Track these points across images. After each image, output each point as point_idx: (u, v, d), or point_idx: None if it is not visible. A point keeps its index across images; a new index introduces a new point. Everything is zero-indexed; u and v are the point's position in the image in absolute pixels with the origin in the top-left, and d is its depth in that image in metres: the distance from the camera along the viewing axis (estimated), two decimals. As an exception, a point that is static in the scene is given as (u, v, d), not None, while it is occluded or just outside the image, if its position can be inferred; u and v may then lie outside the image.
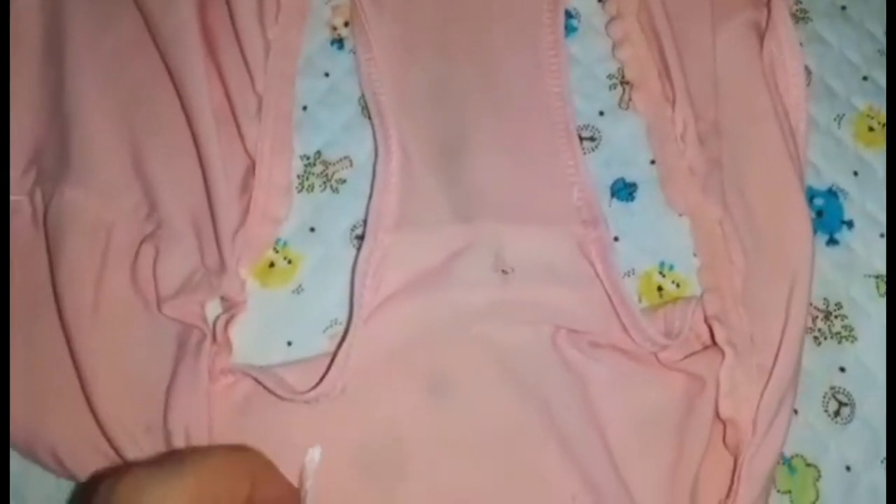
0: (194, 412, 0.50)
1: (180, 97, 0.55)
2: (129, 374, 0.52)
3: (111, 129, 0.57)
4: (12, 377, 0.52)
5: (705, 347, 0.54)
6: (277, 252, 0.57)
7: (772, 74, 0.60)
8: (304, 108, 0.60)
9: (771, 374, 0.52)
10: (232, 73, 0.57)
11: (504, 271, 0.54)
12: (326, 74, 0.61)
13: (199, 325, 0.51)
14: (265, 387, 0.51)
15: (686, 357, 0.54)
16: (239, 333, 0.54)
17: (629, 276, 0.57)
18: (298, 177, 0.58)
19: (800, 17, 0.64)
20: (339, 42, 0.62)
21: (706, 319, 0.55)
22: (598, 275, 0.55)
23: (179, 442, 0.50)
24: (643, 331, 0.53)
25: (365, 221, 0.55)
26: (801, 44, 0.61)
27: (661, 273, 0.58)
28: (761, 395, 0.52)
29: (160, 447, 0.50)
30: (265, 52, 0.58)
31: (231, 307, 0.54)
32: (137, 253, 0.54)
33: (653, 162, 0.59)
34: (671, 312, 0.55)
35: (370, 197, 0.56)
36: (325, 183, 0.58)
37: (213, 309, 0.54)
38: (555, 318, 0.54)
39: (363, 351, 0.53)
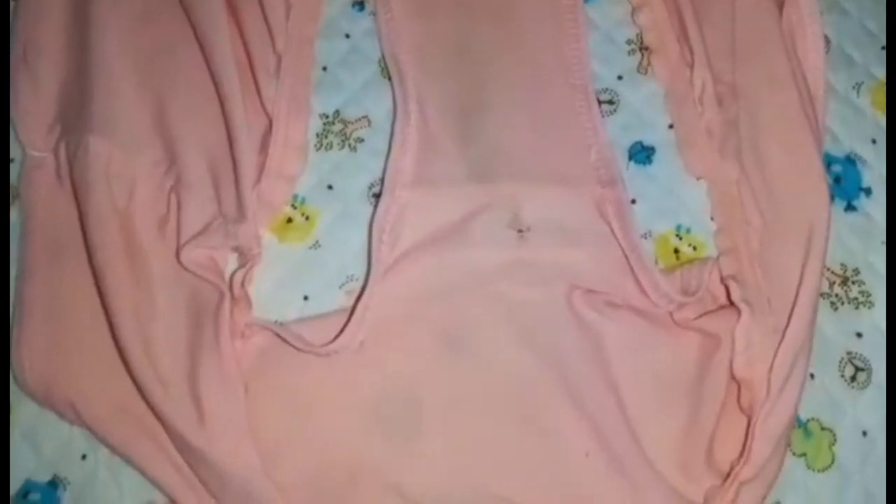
0: (221, 372, 0.50)
1: (204, 52, 0.56)
2: (158, 323, 0.52)
3: (135, 84, 0.57)
4: (32, 325, 0.52)
5: (721, 307, 0.54)
6: (295, 208, 0.57)
7: (791, 40, 0.60)
8: (325, 68, 0.61)
9: (784, 333, 0.52)
10: (253, 33, 0.58)
11: (520, 230, 0.55)
12: (347, 36, 0.62)
13: (217, 283, 0.52)
14: (283, 339, 0.52)
15: (701, 316, 0.54)
16: (256, 288, 0.54)
17: (646, 238, 0.57)
18: (317, 135, 0.59)
19: (819, -15, 0.64)
20: (359, 4, 0.63)
21: (722, 280, 0.55)
22: (614, 234, 0.55)
23: (209, 399, 0.50)
24: (660, 289, 0.53)
25: (382, 180, 0.56)
26: (820, 12, 0.61)
27: (677, 236, 0.57)
28: (775, 354, 0.51)
29: (187, 399, 0.50)
30: (286, 13, 0.60)
31: (247, 261, 0.54)
32: (161, 205, 0.55)
33: (671, 126, 0.60)
34: (688, 272, 0.55)
35: (388, 155, 0.56)
36: (343, 141, 0.59)
37: (229, 268, 0.55)
38: (571, 277, 0.54)
39: (380, 306, 0.53)
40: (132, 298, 0.52)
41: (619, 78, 0.61)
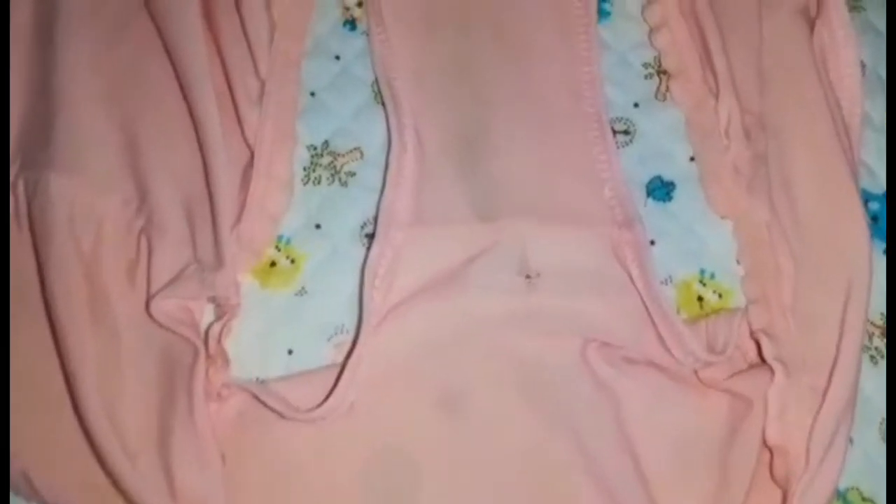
0: (195, 442, 0.45)
1: (178, 76, 0.52)
2: (125, 385, 0.47)
3: (101, 112, 0.52)
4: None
5: (751, 366, 0.50)
6: (279, 250, 0.53)
7: (823, 64, 0.55)
8: (312, 93, 0.56)
9: (825, 396, 0.47)
10: (233, 55, 0.54)
11: (528, 276, 0.50)
12: (337, 57, 0.57)
13: (191, 338, 0.47)
14: (265, 405, 0.47)
15: (730, 376, 0.49)
16: (235, 341, 0.50)
17: (666, 284, 0.52)
18: (304, 168, 0.55)
19: (852, 5, 0.59)
20: (351, 23, 0.58)
21: (752, 334, 0.50)
22: (633, 282, 0.50)
23: (182, 473, 0.45)
24: (684, 344, 0.48)
25: (376, 219, 0.52)
26: (855, 33, 0.56)
27: (701, 282, 0.53)
28: (815, 419, 0.47)
29: (157, 473, 0.45)
30: (270, 32, 0.55)
31: (225, 312, 0.49)
32: (130, 248, 0.50)
33: (692, 159, 0.55)
34: (714, 325, 0.50)
35: (382, 191, 0.52)
36: (333, 175, 0.54)
37: (206, 320, 0.50)
38: (585, 329, 0.50)
39: (372, 362, 0.49)
40: (95, 356, 0.47)
41: (636, 105, 0.57)
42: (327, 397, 0.47)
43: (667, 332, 0.49)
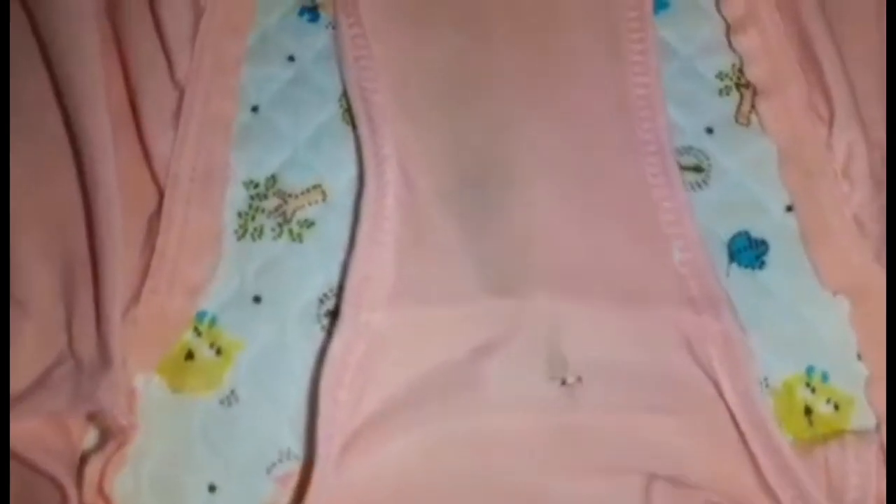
0: None
1: (55, 80, 0.42)
2: None
3: None
4: None
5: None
6: (200, 334, 0.41)
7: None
8: (255, 108, 0.46)
9: None
10: (139, 51, 0.44)
11: (565, 381, 0.39)
12: (291, 59, 0.47)
13: (57, 478, 0.36)
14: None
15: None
16: (128, 472, 0.38)
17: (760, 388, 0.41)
18: (239, 215, 0.44)
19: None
20: (311, 11, 0.49)
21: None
22: (719, 391, 0.39)
23: None
24: (797, 483, 0.37)
25: (340, 289, 0.41)
26: None
27: (809, 386, 0.41)
28: None
29: None
30: (194, 20, 0.45)
31: (112, 436, 0.38)
32: None
33: (789, 209, 0.44)
34: (838, 459, 0.38)
35: (350, 251, 0.42)
36: (280, 226, 0.44)
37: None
38: (647, 461, 0.39)
39: None
40: None
41: (709, 131, 0.46)
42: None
43: (771, 465, 0.38)
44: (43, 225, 0.40)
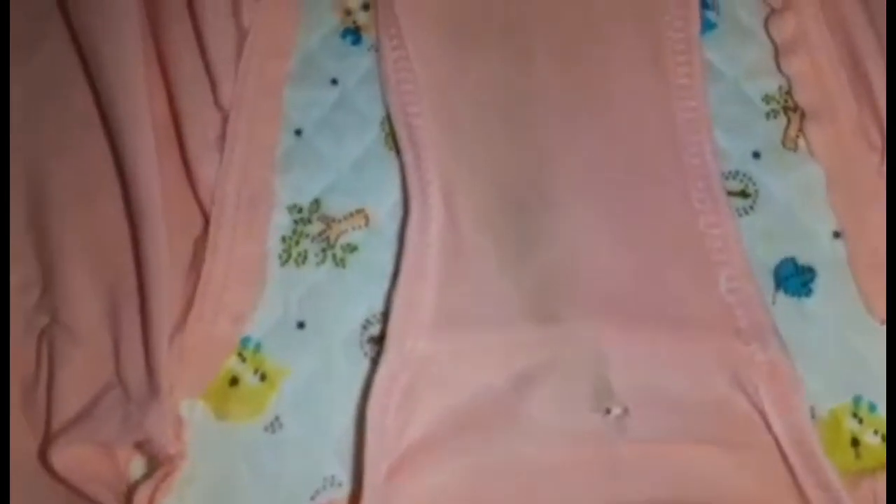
0: None
1: (102, 105, 0.41)
2: None
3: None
4: None
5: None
6: (244, 360, 0.41)
7: None
8: (298, 132, 0.45)
9: None
10: (183, 76, 0.43)
11: (609, 410, 0.39)
12: (334, 82, 0.46)
13: None
14: None
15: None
16: (176, 499, 0.38)
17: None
18: (283, 240, 0.43)
19: None
20: (354, 32, 0.47)
21: (942, 504, 0.37)
22: (767, 423, 0.38)
23: None
24: None
25: (385, 316, 0.41)
26: None
27: (856, 416, 0.40)
28: None
29: None
30: (237, 43, 0.44)
31: (160, 464, 0.37)
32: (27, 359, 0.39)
33: (837, 234, 0.42)
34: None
35: (395, 277, 0.41)
36: (324, 251, 0.43)
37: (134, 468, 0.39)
38: (695, 493, 0.38)
39: None
40: None
41: (755, 156, 0.44)
42: None
43: (822, 499, 0.36)
44: (89, 249, 0.40)
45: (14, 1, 0.44)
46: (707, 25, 0.46)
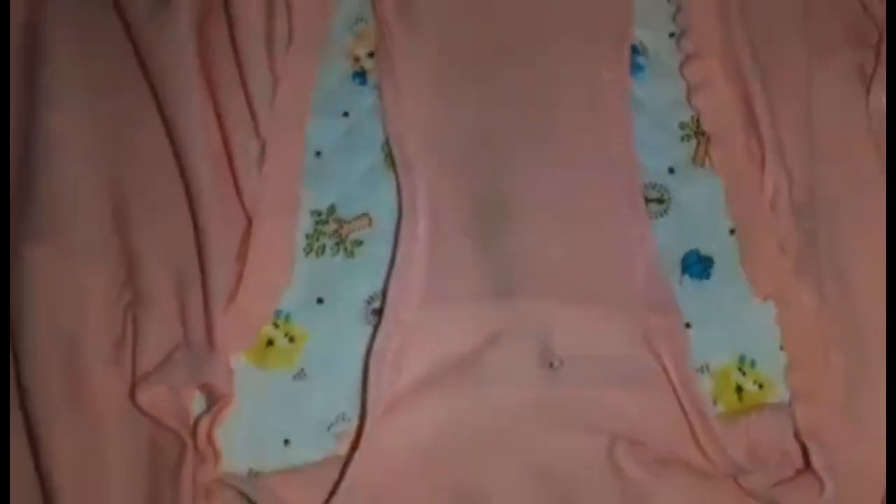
0: None
1: (171, 134, 0.48)
2: (108, 485, 0.45)
3: (87, 173, 0.49)
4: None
5: (798, 472, 0.45)
6: (278, 327, 0.49)
7: (881, 131, 0.50)
8: (318, 153, 0.52)
9: (883, 512, 0.42)
10: (231, 113, 0.49)
11: (552, 364, 0.47)
12: (345, 114, 0.52)
13: (178, 431, 0.45)
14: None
15: (775, 485, 0.44)
16: (227, 428, 0.46)
17: (702, 371, 0.48)
18: (307, 236, 0.50)
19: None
20: (361, 76, 0.53)
21: (797, 434, 0.46)
22: (666, 373, 0.46)
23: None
24: (721, 450, 0.45)
25: (384, 294, 0.48)
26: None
27: (740, 370, 0.48)
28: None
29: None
30: (272, 86, 0.50)
31: (216, 401, 0.45)
32: (116, 326, 0.47)
33: (732, 232, 0.50)
34: (757, 425, 0.46)
35: (391, 264, 0.48)
36: (337, 245, 0.50)
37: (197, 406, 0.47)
38: (612, 425, 0.46)
39: (376, 459, 0.45)
40: (76, 452, 0.44)
41: (671, 171, 0.51)
42: (329, 499, 0.44)
43: (703, 434, 0.45)
44: (163, 243, 0.47)
45: (101, 42, 0.50)
46: (637, 67, 0.52)
